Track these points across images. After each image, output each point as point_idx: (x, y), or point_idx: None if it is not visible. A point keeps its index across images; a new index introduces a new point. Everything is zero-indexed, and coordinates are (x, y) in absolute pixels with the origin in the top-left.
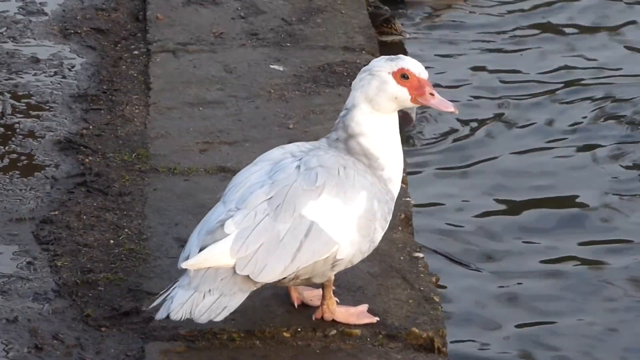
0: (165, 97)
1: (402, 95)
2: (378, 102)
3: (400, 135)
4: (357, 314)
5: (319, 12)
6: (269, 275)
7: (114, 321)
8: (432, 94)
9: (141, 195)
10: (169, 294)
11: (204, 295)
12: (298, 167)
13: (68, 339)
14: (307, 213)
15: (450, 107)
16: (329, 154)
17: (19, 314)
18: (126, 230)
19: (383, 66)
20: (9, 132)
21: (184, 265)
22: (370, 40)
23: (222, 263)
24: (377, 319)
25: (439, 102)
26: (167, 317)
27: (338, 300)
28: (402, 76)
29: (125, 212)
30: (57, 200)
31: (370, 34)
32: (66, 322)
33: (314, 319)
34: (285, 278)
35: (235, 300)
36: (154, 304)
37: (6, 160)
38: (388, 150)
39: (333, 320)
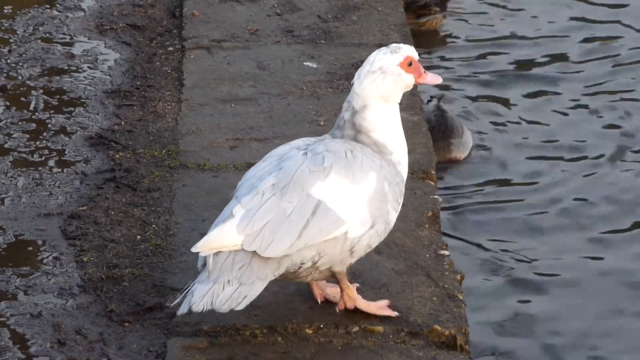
0: (197, 93)
1: (411, 82)
2: (394, 95)
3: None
4: (378, 306)
5: (355, 10)
6: (276, 250)
7: (137, 317)
8: (425, 72)
9: (170, 191)
10: (189, 289)
11: (223, 286)
12: (305, 153)
13: (91, 334)
14: (315, 192)
15: (439, 80)
16: (335, 141)
17: (43, 309)
18: (153, 226)
19: (391, 61)
20: (41, 128)
21: (193, 249)
22: (406, 38)
23: (230, 242)
24: (397, 313)
25: (432, 77)
26: (189, 311)
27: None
28: (409, 64)
29: (153, 208)
30: (86, 195)
31: (406, 31)
32: (90, 318)
33: (337, 310)
34: (302, 266)
35: (254, 289)
36: (176, 301)
37: (37, 156)
38: (395, 136)
39: (357, 311)
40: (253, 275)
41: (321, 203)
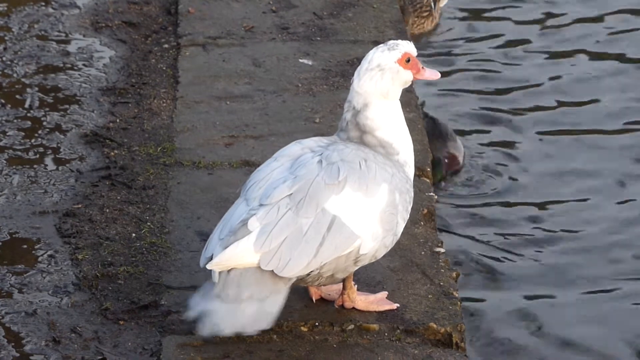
0: (193, 90)
1: (409, 78)
2: (393, 91)
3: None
4: (377, 301)
5: (351, 7)
6: (293, 269)
7: (133, 315)
8: (423, 68)
9: (165, 188)
10: (206, 307)
11: (244, 307)
12: (320, 161)
13: (86, 333)
14: (330, 207)
15: (437, 75)
16: (349, 147)
17: (37, 307)
18: (148, 223)
19: (389, 57)
20: (36, 125)
21: (209, 266)
22: (402, 35)
23: (247, 261)
24: (397, 305)
25: (430, 73)
26: (216, 335)
27: (357, 285)
28: (407, 61)
29: (148, 206)
30: (81, 193)
31: (402, 28)
32: (85, 316)
33: (335, 305)
34: (309, 275)
35: (275, 304)
36: (190, 314)
37: (32, 154)
38: (399, 135)
39: (354, 309)
40: (269, 290)
41: (336, 218)
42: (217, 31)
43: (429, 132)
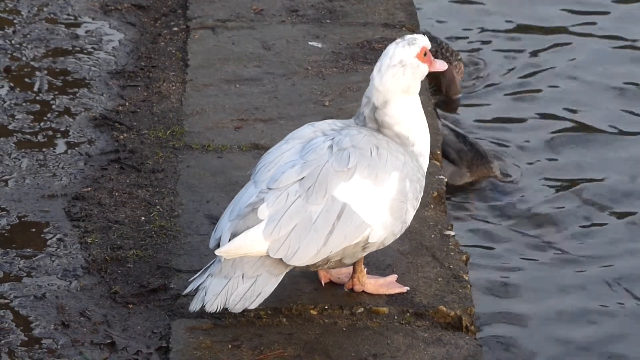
0: (202, 73)
1: (426, 71)
2: (414, 86)
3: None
4: (387, 285)
5: None
6: (302, 258)
7: (142, 298)
8: (434, 60)
9: (174, 172)
10: (202, 283)
11: (237, 284)
12: (330, 147)
13: (95, 316)
14: (339, 195)
15: (445, 66)
16: (362, 133)
17: (46, 290)
18: (157, 207)
19: (409, 53)
20: (45, 109)
21: (217, 252)
22: (411, 17)
23: (256, 249)
24: (407, 288)
25: (439, 64)
26: (202, 309)
27: (367, 269)
28: (424, 54)
29: (157, 189)
30: (90, 176)
31: (412, 10)
32: (94, 299)
33: (345, 289)
34: (317, 262)
35: (269, 285)
36: (187, 290)
37: (41, 137)
38: (417, 127)
39: (363, 293)
40: (267, 272)
41: (346, 206)
42: (226, 14)
43: (469, 155)
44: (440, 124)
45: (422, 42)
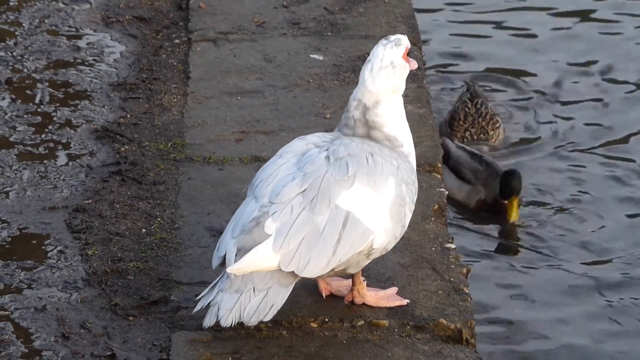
0: (203, 86)
1: (408, 70)
2: (402, 86)
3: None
4: (387, 297)
5: (362, 2)
6: (314, 269)
7: (142, 310)
8: (410, 59)
9: (175, 184)
10: (213, 299)
11: (249, 297)
12: (327, 157)
13: (95, 328)
14: (342, 203)
15: (416, 65)
16: (355, 141)
17: (47, 302)
18: (158, 219)
19: (397, 53)
20: (46, 121)
21: (229, 270)
22: (413, 30)
23: (267, 264)
24: (408, 300)
25: (413, 63)
26: (217, 324)
27: (367, 281)
28: (408, 54)
29: (158, 201)
30: (91, 188)
31: (413, 23)
32: (94, 311)
33: (345, 301)
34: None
35: (280, 297)
36: (197, 308)
37: (42, 149)
38: (404, 128)
39: (363, 305)
40: (277, 284)
41: (350, 214)
42: (228, 26)
43: (484, 174)
44: (455, 146)
45: (406, 42)
